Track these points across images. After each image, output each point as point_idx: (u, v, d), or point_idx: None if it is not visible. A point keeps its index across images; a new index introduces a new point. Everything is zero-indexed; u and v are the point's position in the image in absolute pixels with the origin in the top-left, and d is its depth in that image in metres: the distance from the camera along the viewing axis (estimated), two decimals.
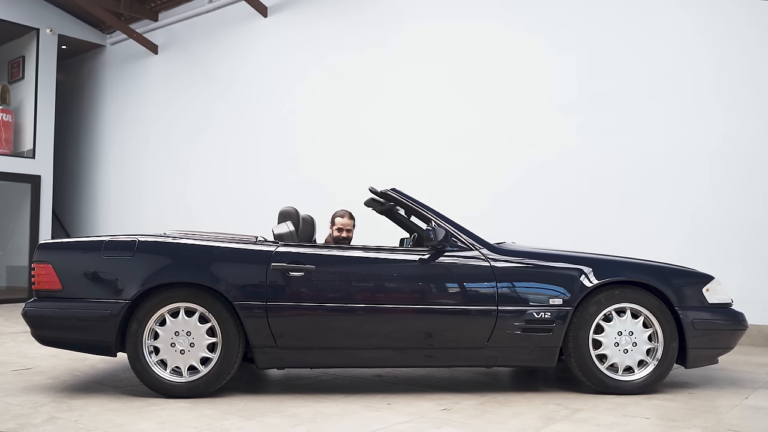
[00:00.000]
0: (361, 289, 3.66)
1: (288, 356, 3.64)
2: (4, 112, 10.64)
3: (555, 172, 6.61)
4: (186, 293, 3.58)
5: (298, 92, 8.74)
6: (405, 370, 4.35)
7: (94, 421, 3.12)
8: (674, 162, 5.98)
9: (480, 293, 3.64)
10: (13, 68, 11.20)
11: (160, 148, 10.53)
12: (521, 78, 6.91)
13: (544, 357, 3.65)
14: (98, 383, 4.01)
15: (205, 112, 9.84)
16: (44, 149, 10.66)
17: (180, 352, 3.55)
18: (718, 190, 5.77)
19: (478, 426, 3.02)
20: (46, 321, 3.66)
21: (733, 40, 5.76)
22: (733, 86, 5.74)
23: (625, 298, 3.63)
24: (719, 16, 5.83)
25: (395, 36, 7.88)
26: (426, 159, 7.46)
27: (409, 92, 7.71)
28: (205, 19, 9.92)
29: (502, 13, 7.09)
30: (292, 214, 4.36)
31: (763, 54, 5.62)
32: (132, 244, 3.68)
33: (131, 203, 10.93)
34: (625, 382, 3.62)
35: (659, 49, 6.11)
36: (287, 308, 3.59)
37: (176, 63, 10.39)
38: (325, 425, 3.05)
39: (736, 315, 3.78)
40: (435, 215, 3.85)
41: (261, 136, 9.10)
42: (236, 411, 3.31)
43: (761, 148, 5.59)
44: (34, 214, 10.50)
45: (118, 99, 11.35)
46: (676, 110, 6.01)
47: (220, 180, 9.57)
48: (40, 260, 3.69)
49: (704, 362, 3.75)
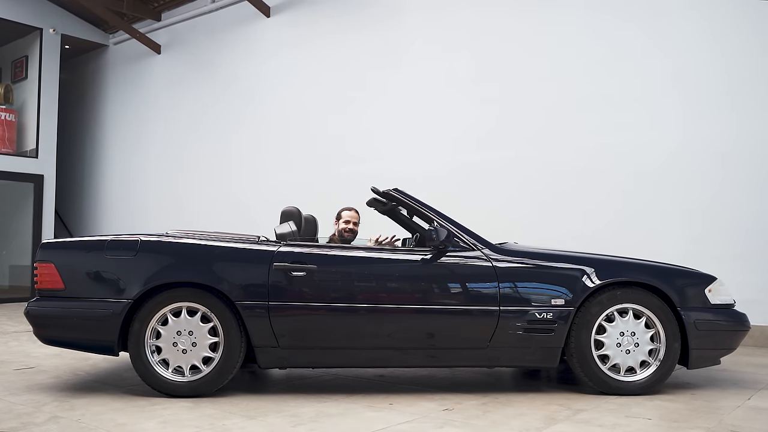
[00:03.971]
0: (363, 289, 3.66)
1: (290, 356, 3.64)
2: (7, 111, 10.66)
3: (558, 173, 6.60)
4: (188, 293, 3.58)
5: (300, 92, 8.74)
6: (407, 370, 4.35)
7: (96, 420, 3.12)
8: (677, 162, 5.96)
9: (482, 293, 3.64)
10: (17, 68, 11.23)
11: (163, 148, 10.54)
12: (528, 77, 6.90)
13: (546, 357, 3.64)
14: (100, 382, 4.01)
15: (208, 111, 9.85)
16: (47, 149, 10.68)
17: (182, 351, 3.56)
18: (722, 191, 5.76)
19: (479, 426, 3.02)
20: (49, 320, 3.66)
21: (737, 40, 5.74)
22: (738, 87, 5.72)
23: (628, 299, 3.62)
24: (724, 17, 5.82)
25: (398, 35, 7.88)
26: (428, 159, 7.46)
27: (411, 91, 7.71)
28: (208, 18, 9.94)
29: (507, 10, 7.07)
30: (294, 214, 4.36)
31: (765, 54, 5.61)
32: (134, 243, 3.68)
33: (134, 203, 10.95)
34: (627, 382, 3.61)
35: (664, 49, 6.10)
36: (289, 308, 3.60)
37: (179, 63, 10.41)
38: (326, 425, 3.05)
39: (739, 316, 3.77)
40: (437, 215, 3.84)
41: (264, 135, 9.10)
42: (238, 410, 3.31)
43: (765, 148, 5.58)
44: (36, 214, 10.52)
45: (121, 99, 11.37)
46: (679, 111, 5.99)
47: (222, 179, 9.58)
48: (42, 259, 3.70)
49: (706, 363, 3.74)
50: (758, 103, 5.63)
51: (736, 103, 5.73)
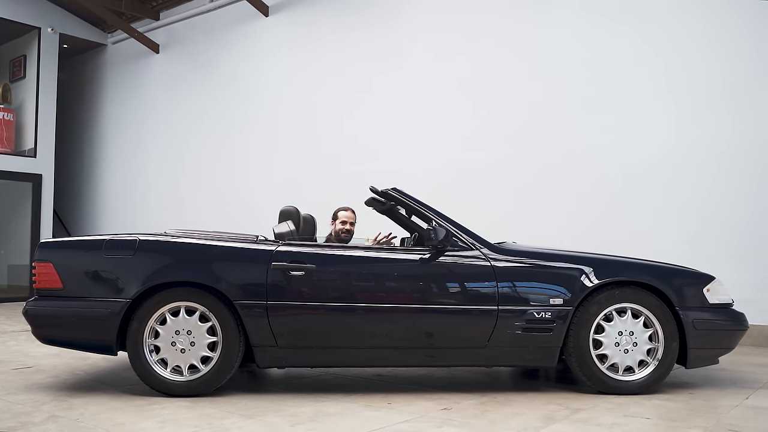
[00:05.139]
0: (361, 288, 3.66)
1: (288, 355, 3.64)
2: (6, 111, 10.65)
3: (555, 172, 6.61)
4: (187, 292, 3.58)
5: (299, 91, 8.73)
6: (405, 369, 4.35)
7: (94, 419, 3.12)
8: (675, 162, 5.97)
9: (481, 293, 3.64)
10: (15, 67, 11.21)
11: (161, 147, 10.54)
12: (523, 77, 6.91)
13: (545, 357, 3.64)
14: (99, 382, 4.01)
15: (206, 111, 9.85)
16: (45, 148, 10.67)
17: (180, 351, 3.56)
18: (719, 191, 5.76)
19: (478, 426, 3.02)
20: (47, 320, 3.66)
21: (732, 41, 5.75)
22: (732, 88, 5.73)
23: (626, 298, 3.62)
24: (718, 18, 5.82)
25: (397, 35, 7.88)
26: (427, 158, 7.46)
27: (411, 91, 7.71)
28: (207, 18, 9.93)
29: (504, 11, 7.08)
30: (292, 213, 4.36)
31: (760, 56, 5.61)
32: (133, 243, 3.68)
33: (132, 202, 10.94)
34: (626, 382, 3.62)
35: (658, 50, 6.10)
36: (288, 307, 3.59)
37: (177, 62, 10.40)
38: (325, 424, 3.05)
39: (737, 315, 3.78)
40: (436, 215, 3.84)
41: (262, 135, 9.10)
42: (237, 410, 3.31)
43: (760, 149, 5.59)
44: (35, 213, 10.51)
45: (119, 98, 11.36)
46: (675, 112, 6.00)
47: (220, 179, 9.58)
48: (41, 259, 3.69)
49: (705, 362, 3.75)
50: (753, 104, 5.64)
51: (731, 104, 5.74)
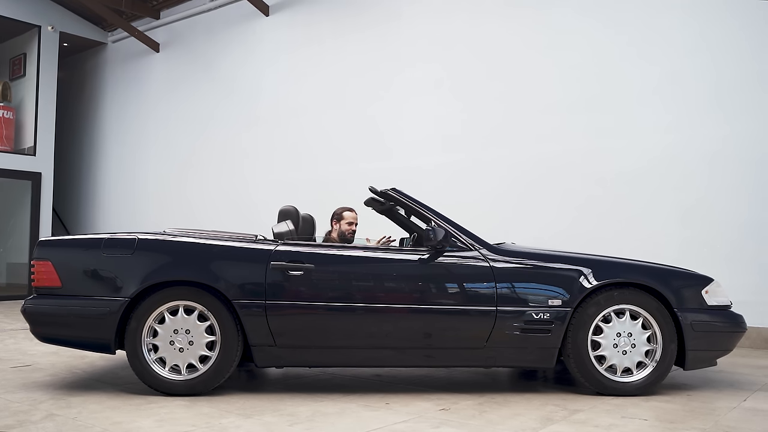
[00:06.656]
0: (360, 288, 3.66)
1: (287, 355, 3.64)
2: (5, 109, 10.64)
3: (554, 174, 6.61)
4: (185, 291, 3.58)
5: (298, 91, 8.73)
6: (404, 369, 4.35)
7: (92, 418, 3.12)
8: (672, 164, 5.97)
9: (479, 293, 3.64)
10: (15, 65, 11.20)
11: (161, 146, 10.53)
12: (523, 78, 6.91)
13: (543, 358, 3.64)
14: (97, 381, 4.01)
15: (206, 110, 9.85)
16: (45, 147, 10.66)
17: (179, 350, 3.56)
18: (717, 193, 5.76)
19: (476, 426, 3.03)
20: (46, 318, 3.66)
21: (729, 43, 5.75)
22: (727, 89, 5.73)
23: (624, 300, 3.62)
24: (716, 19, 5.83)
25: (397, 36, 7.88)
26: (426, 159, 7.46)
27: (410, 92, 7.71)
28: (207, 17, 9.93)
29: (503, 13, 7.09)
30: (291, 213, 4.36)
31: (756, 57, 5.62)
32: (132, 242, 3.68)
33: (131, 201, 10.93)
34: (624, 383, 3.62)
35: (655, 52, 6.10)
36: (286, 307, 3.59)
37: (177, 61, 10.40)
38: (323, 424, 3.05)
39: (735, 317, 3.78)
40: (435, 215, 3.85)
41: (261, 134, 9.10)
42: (235, 409, 3.31)
43: (757, 150, 5.59)
44: (34, 212, 10.50)
45: (119, 97, 11.35)
46: (673, 113, 5.99)
47: (220, 178, 9.57)
48: (39, 257, 3.70)
49: (703, 364, 3.75)
50: (748, 105, 5.64)
51: (725, 105, 5.74)
